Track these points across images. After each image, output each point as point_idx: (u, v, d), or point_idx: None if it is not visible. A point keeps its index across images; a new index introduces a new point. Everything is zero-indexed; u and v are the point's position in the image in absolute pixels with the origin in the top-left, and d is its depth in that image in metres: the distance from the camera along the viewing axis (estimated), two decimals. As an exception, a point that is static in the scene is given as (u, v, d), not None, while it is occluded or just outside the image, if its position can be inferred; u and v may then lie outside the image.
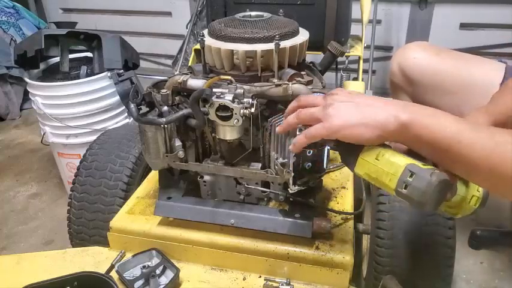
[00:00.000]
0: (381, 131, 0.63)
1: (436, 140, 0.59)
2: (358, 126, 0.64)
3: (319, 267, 0.90)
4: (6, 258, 1.02)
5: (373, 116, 0.63)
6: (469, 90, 1.15)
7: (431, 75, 1.22)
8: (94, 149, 1.21)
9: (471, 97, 1.14)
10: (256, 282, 0.92)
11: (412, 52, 1.27)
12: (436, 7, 2.48)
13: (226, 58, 0.90)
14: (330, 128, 0.66)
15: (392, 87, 1.39)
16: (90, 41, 1.79)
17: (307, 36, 0.96)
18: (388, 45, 2.65)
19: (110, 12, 3.22)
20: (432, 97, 1.26)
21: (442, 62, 1.22)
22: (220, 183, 0.99)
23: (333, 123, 0.65)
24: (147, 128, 0.90)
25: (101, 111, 1.72)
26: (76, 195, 1.14)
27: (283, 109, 0.90)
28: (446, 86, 1.20)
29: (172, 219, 1.00)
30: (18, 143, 2.46)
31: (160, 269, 0.93)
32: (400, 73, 1.29)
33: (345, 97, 0.68)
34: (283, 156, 0.85)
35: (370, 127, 0.63)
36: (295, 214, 0.92)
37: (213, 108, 0.82)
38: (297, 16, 1.04)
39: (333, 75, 1.54)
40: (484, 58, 1.22)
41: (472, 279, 1.42)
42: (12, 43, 2.60)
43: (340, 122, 0.65)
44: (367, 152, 0.68)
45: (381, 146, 0.67)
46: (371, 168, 0.67)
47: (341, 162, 1.20)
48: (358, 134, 0.64)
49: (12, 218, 1.82)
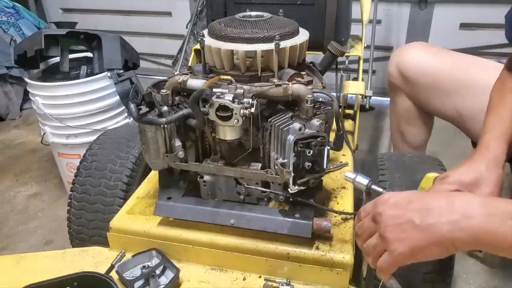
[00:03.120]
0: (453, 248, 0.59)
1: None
2: (429, 249, 0.60)
3: (319, 267, 0.90)
4: (6, 258, 1.02)
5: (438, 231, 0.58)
6: (468, 91, 1.15)
7: (429, 75, 1.22)
8: (94, 149, 1.20)
9: (469, 97, 1.14)
10: (256, 282, 0.92)
11: (410, 52, 1.27)
12: (436, 7, 2.48)
13: (226, 58, 0.90)
14: (400, 257, 0.62)
15: (390, 88, 1.39)
16: (90, 41, 1.79)
17: (307, 36, 0.96)
18: (388, 45, 2.65)
19: (110, 12, 3.22)
20: (430, 97, 1.25)
21: (440, 62, 1.22)
22: (220, 183, 0.99)
23: (399, 251, 0.61)
24: (147, 128, 0.90)
25: (101, 111, 1.72)
26: (76, 195, 1.14)
27: (283, 109, 0.90)
28: (444, 86, 1.20)
29: (172, 219, 1.00)
30: (18, 143, 2.46)
31: (160, 269, 0.93)
32: (398, 74, 1.29)
33: (394, 211, 0.63)
34: (283, 156, 0.85)
35: (442, 247, 0.59)
36: (295, 214, 0.91)
37: (213, 108, 0.82)
38: (297, 16, 1.04)
39: (333, 75, 1.54)
40: (482, 58, 1.22)
41: (472, 279, 1.42)
42: (12, 43, 2.60)
43: (406, 248, 0.61)
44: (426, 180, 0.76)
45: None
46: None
47: (341, 162, 1.21)
48: (432, 256, 0.61)
49: (12, 218, 1.82)
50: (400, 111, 1.39)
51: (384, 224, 0.63)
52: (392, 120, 1.48)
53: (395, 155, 1.18)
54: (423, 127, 1.40)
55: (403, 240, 0.61)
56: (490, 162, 0.79)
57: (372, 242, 0.66)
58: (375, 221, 0.66)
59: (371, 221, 0.67)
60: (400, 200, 0.64)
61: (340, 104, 1.47)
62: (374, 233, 0.66)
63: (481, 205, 0.58)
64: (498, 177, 0.77)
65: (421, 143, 1.44)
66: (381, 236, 0.64)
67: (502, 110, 0.85)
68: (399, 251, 0.61)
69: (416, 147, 1.44)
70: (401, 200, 0.64)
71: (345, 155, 1.25)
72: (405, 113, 1.38)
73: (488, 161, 0.79)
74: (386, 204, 0.65)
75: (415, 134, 1.41)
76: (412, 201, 0.63)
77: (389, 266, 0.64)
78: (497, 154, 0.80)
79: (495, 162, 0.79)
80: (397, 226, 0.62)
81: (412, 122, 1.38)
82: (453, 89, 1.18)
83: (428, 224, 0.59)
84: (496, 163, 0.79)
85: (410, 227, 0.61)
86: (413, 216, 0.61)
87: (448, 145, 1.92)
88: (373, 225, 0.66)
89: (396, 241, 0.62)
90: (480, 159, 0.80)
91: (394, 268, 0.64)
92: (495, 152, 0.80)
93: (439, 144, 1.83)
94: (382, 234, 0.63)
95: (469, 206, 0.59)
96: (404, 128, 1.42)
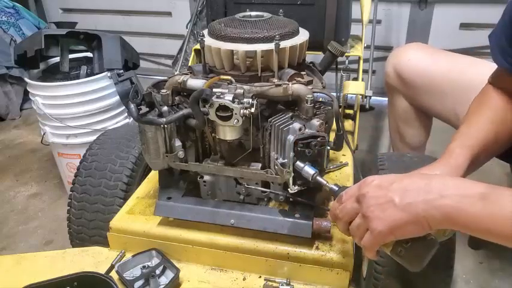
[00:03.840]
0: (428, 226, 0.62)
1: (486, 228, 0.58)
2: (406, 226, 0.63)
3: (319, 267, 0.90)
4: (6, 258, 1.02)
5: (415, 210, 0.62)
6: (464, 92, 1.14)
7: (426, 76, 1.22)
8: (94, 149, 1.20)
9: (466, 98, 1.14)
10: (256, 282, 0.92)
11: (407, 54, 1.26)
12: (436, 7, 2.48)
13: (226, 58, 0.90)
14: (380, 235, 0.65)
15: (388, 89, 1.38)
16: (90, 41, 1.79)
17: (307, 36, 0.96)
18: (388, 45, 2.65)
19: (110, 12, 3.22)
20: (427, 99, 1.25)
21: (437, 63, 1.21)
22: (220, 184, 0.99)
23: (379, 229, 0.65)
24: (147, 128, 0.90)
25: (101, 111, 1.72)
26: (76, 195, 1.14)
27: (283, 109, 0.90)
28: (441, 87, 1.20)
29: (172, 219, 1.00)
30: (18, 143, 2.46)
31: (160, 269, 0.93)
32: (395, 75, 1.29)
33: (377, 193, 0.66)
34: (283, 156, 0.85)
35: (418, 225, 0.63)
36: (295, 214, 0.91)
37: (213, 108, 0.82)
38: (297, 16, 1.04)
39: (333, 75, 1.53)
40: (479, 59, 1.21)
41: (472, 279, 1.42)
42: (12, 43, 2.60)
43: (386, 227, 0.64)
44: None
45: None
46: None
47: (341, 162, 1.21)
48: (409, 234, 0.65)
49: (12, 218, 1.82)
50: (398, 113, 1.39)
51: (366, 204, 0.67)
52: (390, 121, 1.48)
53: (395, 155, 1.18)
54: (422, 128, 1.40)
55: (382, 219, 0.65)
56: (450, 169, 0.78)
57: (356, 222, 0.69)
58: (358, 202, 0.69)
59: (354, 202, 0.70)
60: (383, 182, 0.67)
61: (340, 104, 1.47)
62: (357, 214, 0.69)
63: (456, 186, 0.61)
64: None
65: (420, 144, 1.44)
66: (363, 216, 0.67)
67: (474, 123, 0.85)
68: (379, 229, 0.65)
69: (416, 147, 1.44)
70: (384, 182, 0.67)
71: (345, 155, 1.25)
72: (403, 114, 1.37)
73: (449, 167, 0.78)
74: (370, 186, 0.68)
75: (413, 135, 1.41)
76: (394, 182, 0.66)
77: (371, 244, 0.68)
78: (458, 163, 0.79)
79: (456, 168, 0.78)
80: (378, 206, 0.65)
81: (411, 123, 1.38)
82: (450, 90, 1.18)
83: (407, 203, 0.63)
84: (456, 170, 0.78)
85: (390, 206, 0.64)
86: (393, 196, 0.64)
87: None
88: (356, 206, 0.69)
89: (376, 219, 0.65)
90: (441, 165, 0.79)
91: (377, 246, 0.68)
92: (457, 160, 0.79)
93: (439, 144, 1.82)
94: (365, 214, 0.67)
95: (444, 187, 0.62)
96: (402, 129, 1.42)
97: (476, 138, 0.82)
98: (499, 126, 0.84)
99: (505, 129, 0.84)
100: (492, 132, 0.83)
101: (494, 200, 0.58)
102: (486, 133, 0.83)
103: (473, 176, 1.34)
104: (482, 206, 0.58)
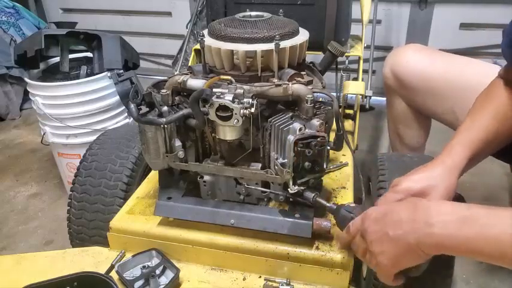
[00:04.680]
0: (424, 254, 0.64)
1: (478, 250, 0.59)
2: (404, 257, 0.66)
3: (319, 267, 0.90)
4: (6, 258, 1.02)
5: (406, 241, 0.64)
6: (463, 93, 1.14)
7: (424, 78, 1.21)
8: (94, 149, 1.20)
9: (465, 100, 1.13)
10: (256, 282, 0.92)
11: (404, 55, 1.26)
12: (436, 7, 2.48)
13: (226, 58, 0.90)
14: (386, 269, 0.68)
15: (386, 91, 1.38)
16: (90, 41, 1.79)
17: (307, 36, 0.96)
18: (388, 45, 2.65)
19: (110, 12, 3.22)
20: (426, 100, 1.25)
21: (434, 64, 1.21)
22: (220, 184, 0.99)
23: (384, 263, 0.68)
24: (147, 128, 0.90)
25: (101, 111, 1.72)
26: (76, 195, 1.14)
27: (283, 109, 0.90)
28: (439, 89, 1.19)
29: (172, 219, 1.00)
30: (18, 143, 2.46)
31: (160, 269, 0.93)
32: (393, 76, 1.29)
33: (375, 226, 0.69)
34: (283, 156, 0.85)
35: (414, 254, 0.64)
36: (295, 214, 0.91)
37: (213, 108, 0.82)
38: (297, 16, 1.04)
39: (333, 75, 1.54)
40: (478, 60, 1.21)
41: (472, 279, 1.42)
42: (12, 43, 2.60)
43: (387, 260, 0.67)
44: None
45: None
46: None
47: (341, 162, 1.21)
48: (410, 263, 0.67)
49: (12, 218, 1.82)
50: (397, 114, 1.39)
51: (369, 240, 0.70)
52: (389, 122, 1.48)
53: (395, 155, 1.18)
54: (421, 129, 1.39)
55: (383, 253, 0.67)
56: (445, 169, 0.79)
57: (366, 257, 0.72)
58: (363, 237, 0.72)
59: (360, 237, 0.73)
60: (379, 215, 0.70)
61: (340, 104, 1.47)
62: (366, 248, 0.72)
63: (439, 213, 0.62)
64: (449, 187, 0.78)
65: (419, 145, 1.44)
66: (369, 251, 0.70)
67: (478, 117, 0.85)
68: (384, 263, 0.68)
69: (415, 148, 1.44)
70: (379, 214, 0.70)
71: (345, 155, 1.25)
72: (402, 115, 1.37)
73: (444, 167, 0.79)
74: (369, 220, 0.71)
75: (413, 136, 1.41)
76: (387, 214, 0.68)
77: (384, 277, 0.70)
78: (456, 161, 0.79)
79: (452, 169, 0.79)
80: (377, 240, 0.68)
81: (410, 125, 1.38)
82: (448, 91, 1.18)
83: (399, 235, 0.65)
84: (452, 170, 0.79)
85: (387, 239, 0.66)
86: (387, 229, 0.66)
87: (448, 145, 1.92)
88: (363, 241, 0.72)
89: (379, 254, 0.68)
90: (437, 165, 0.80)
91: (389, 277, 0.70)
92: (455, 158, 0.80)
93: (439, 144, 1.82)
94: (369, 249, 0.70)
95: (428, 215, 0.63)
96: (401, 131, 1.41)
97: (477, 134, 0.82)
98: (501, 122, 0.84)
99: (506, 126, 0.85)
100: (494, 128, 0.83)
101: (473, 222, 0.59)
102: (488, 130, 0.83)
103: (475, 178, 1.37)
104: (466, 230, 0.59)
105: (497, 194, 1.84)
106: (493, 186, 1.87)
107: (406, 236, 0.64)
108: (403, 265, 0.67)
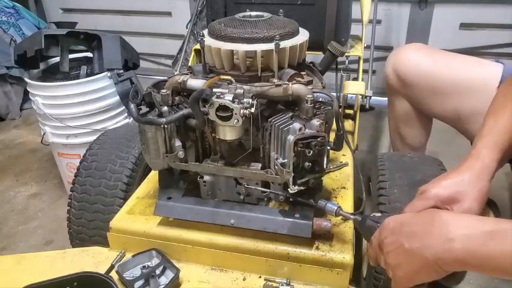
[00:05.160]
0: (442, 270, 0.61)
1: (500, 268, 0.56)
2: (420, 272, 0.63)
3: (319, 267, 0.90)
4: (6, 258, 1.02)
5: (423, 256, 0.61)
6: (465, 92, 1.14)
7: (426, 77, 1.21)
8: (94, 149, 1.21)
9: (468, 98, 1.13)
10: (256, 282, 0.92)
11: (406, 54, 1.25)
12: (436, 7, 2.48)
13: (226, 58, 0.90)
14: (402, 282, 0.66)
15: (388, 90, 1.38)
16: (90, 41, 1.79)
17: (307, 36, 0.96)
18: (388, 45, 2.65)
19: (110, 12, 3.22)
20: (428, 99, 1.25)
21: (437, 64, 1.21)
22: (220, 184, 0.99)
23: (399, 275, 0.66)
24: (147, 128, 0.90)
25: (101, 111, 1.72)
26: (76, 195, 1.14)
27: (283, 109, 0.90)
28: (441, 88, 1.19)
29: (172, 219, 1.00)
30: (18, 143, 2.46)
31: (160, 269, 0.93)
32: (395, 76, 1.28)
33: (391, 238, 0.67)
34: (283, 156, 0.85)
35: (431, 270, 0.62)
36: (295, 214, 0.91)
37: (213, 108, 0.82)
38: (297, 16, 1.04)
39: (333, 75, 1.54)
40: (480, 59, 1.20)
41: (472, 279, 1.42)
42: (12, 43, 2.60)
43: (403, 273, 0.65)
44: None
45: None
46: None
47: (341, 162, 1.21)
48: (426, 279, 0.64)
49: (12, 218, 1.82)
50: (398, 114, 1.39)
51: (386, 251, 0.68)
52: (390, 122, 1.47)
53: (396, 155, 1.18)
54: (422, 129, 1.39)
55: (399, 266, 0.65)
56: (474, 174, 0.76)
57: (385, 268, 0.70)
58: (380, 249, 0.70)
59: (378, 249, 0.71)
60: (395, 225, 0.68)
61: (340, 104, 1.47)
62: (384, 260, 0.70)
63: (461, 227, 0.60)
64: (479, 191, 0.75)
65: (421, 144, 1.44)
66: (385, 263, 0.68)
67: (501, 116, 0.82)
68: (399, 275, 0.66)
69: (416, 148, 1.43)
70: (396, 225, 0.68)
71: (345, 155, 1.25)
72: (403, 115, 1.37)
73: (473, 172, 0.77)
74: (387, 231, 0.69)
75: (414, 135, 1.41)
76: (403, 224, 0.67)
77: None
78: (486, 163, 0.77)
79: (481, 173, 0.77)
80: (393, 252, 0.66)
81: (411, 124, 1.38)
82: (451, 90, 1.17)
83: (415, 248, 0.62)
84: (481, 174, 0.76)
85: (402, 251, 0.64)
86: (403, 241, 0.64)
87: (448, 145, 1.91)
88: (381, 252, 0.70)
89: (395, 267, 0.66)
90: (466, 170, 0.78)
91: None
92: (484, 161, 0.77)
93: (439, 144, 1.82)
94: (386, 261, 0.68)
95: (449, 229, 0.60)
96: (403, 131, 1.41)
97: (503, 134, 0.79)
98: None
99: None
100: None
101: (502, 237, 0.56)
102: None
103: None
104: (492, 245, 0.56)
105: (497, 194, 1.83)
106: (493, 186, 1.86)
107: (422, 250, 0.61)
108: (418, 280, 0.65)
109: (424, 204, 0.76)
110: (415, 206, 0.78)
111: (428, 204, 0.75)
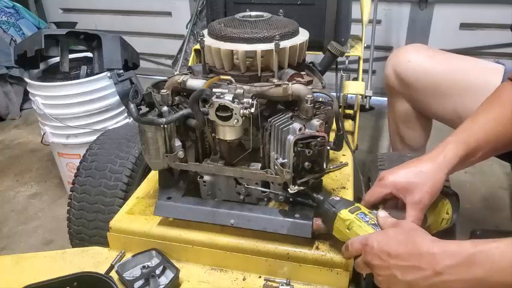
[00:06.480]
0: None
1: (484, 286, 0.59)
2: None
3: (319, 267, 0.90)
4: (6, 258, 1.02)
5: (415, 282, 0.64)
6: (466, 93, 1.14)
7: (426, 78, 1.21)
8: (94, 149, 1.21)
9: (468, 99, 1.13)
10: (256, 282, 0.92)
11: (406, 55, 1.25)
12: (436, 7, 2.48)
13: (226, 58, 0.90)
14: None
15: (388, 91, 1.38)
16: (90, 41, 1.80)
17: (307, 36, 0.96)
18: (388, 45, 2.65)
19: (110, 12, 3.22)
20: (428, 100, 1.24)
21: (437, 65, 1.21)
22: (220, 184, 0.99)
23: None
24: (147, 128, 0.90)
25: (101, 111, 1.72)
26: (76, 195, 1.14)
27: (283, 109, 0.90)
28: (441, 88, 1.19)
29: (172, 219, 1.00)
30: (18, 143, 2.46)
31: (160, 269, 0.93)
32: (395, 76, 1.28)
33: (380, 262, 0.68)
34: (283, 156, 0.85)
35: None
36: (295, 214, 0.91)
37: (213, 108, 0.82)
38: (297, 16, 1.04)
39: (333, 75, 1.54)
40: (480, 60, 1.20)
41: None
42: (12, 43, 2.60)
43: None
44: (340, 222, 0.80)
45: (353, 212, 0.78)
46: (343, 237, 0.80)
47: (341, 162, 1.21)
48: None
49: (12, 218, 1.82)
50: (398, 115, 1.39)
51: (376, 273, 0.70)
52: (390, 123, 1.47)
53: (396, 155, 1.18)
54: (422, 130, 1.39)
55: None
56: (433, 166, 0.78)
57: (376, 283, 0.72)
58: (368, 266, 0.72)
59: (365, 265, 0.72)
60: (380, 252, 0.69)
61: (340, 104, 1.47)
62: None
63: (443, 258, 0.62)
64: (433, 185, 0.77)
65: (420, 145, 1.44)
66: (377, 281, 0.71)
67: (480, 119, 0.84)
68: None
69: (416, 149, 1.43)
70: (381, 253, 0.69)
71: (345, 155, 1.24)
72: (403, 116, 1.37)
73: (433, 164, 0.78)
74: (371, 254, 0.70)
75: (414, 136, 1.41)
76: (390, 254, 0.67)
77: None
78: (448, 158, 0.79)
79: (440, 166, 0.78)
80: (386, 277, 0.68)
81: (411, 125, 1.38)
82: (451, 91, 1.17)
83: (409, 281, 0.65)
84: (441, 167, 0.78)
85: (396, 281, 0.66)
86: (395, 272, 0.66)
87: (448, 145, 1.92)
88: (368, 268, 0.72)
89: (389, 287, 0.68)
90: (426, 161, 0.80)
91: None
92: (446, 155, 0.79)
93: (439, 144, 1.83)
94: (377, 280, 0.70)
95: (434, 262, 0.62)
96: (403, 131, 1.41)
97: (476, 135, 0.81)
98: (503, 127, 0.83)
99: (508, 130, 0.83)
100: (494, 131, 0.82)
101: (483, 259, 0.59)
102: (487, 131, 0.82)
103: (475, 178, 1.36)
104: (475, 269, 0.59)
105: (497, 194, 1.84)
106: (493, 186, 1.87)
107: (417, 282, 0.64)
108: None
109: (380, 192, 0.80)
110: (373, 193, 0.82)
111: (385, 192, 0.79)
